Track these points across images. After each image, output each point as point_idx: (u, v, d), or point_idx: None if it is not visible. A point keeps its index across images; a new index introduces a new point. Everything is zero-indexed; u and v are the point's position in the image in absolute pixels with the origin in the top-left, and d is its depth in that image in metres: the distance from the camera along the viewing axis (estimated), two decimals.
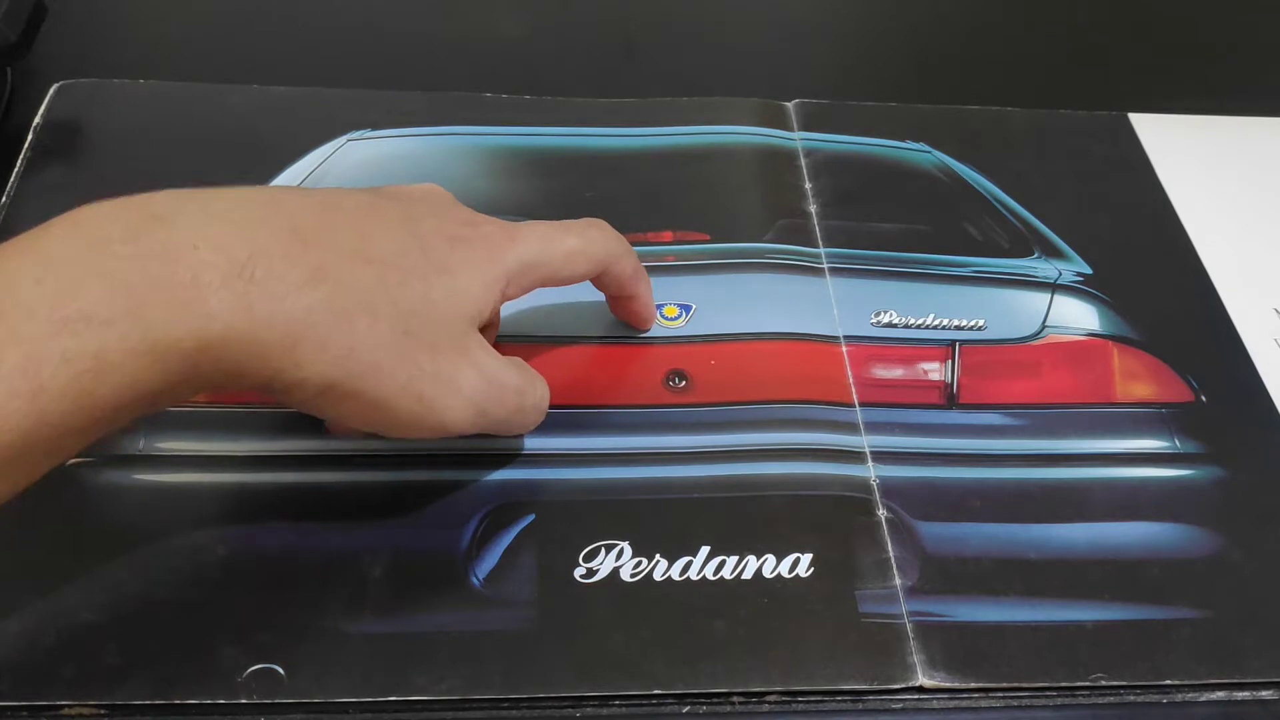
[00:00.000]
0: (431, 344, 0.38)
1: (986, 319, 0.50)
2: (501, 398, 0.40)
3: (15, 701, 0.37)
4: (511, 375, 0.41)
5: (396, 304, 0.37)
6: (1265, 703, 0.40)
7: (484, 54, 0.62)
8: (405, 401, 0.38)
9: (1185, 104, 0.61)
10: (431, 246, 0.39)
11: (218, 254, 0.34)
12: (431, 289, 0.38)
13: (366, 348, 0.36)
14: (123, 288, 0.32)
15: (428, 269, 0.38)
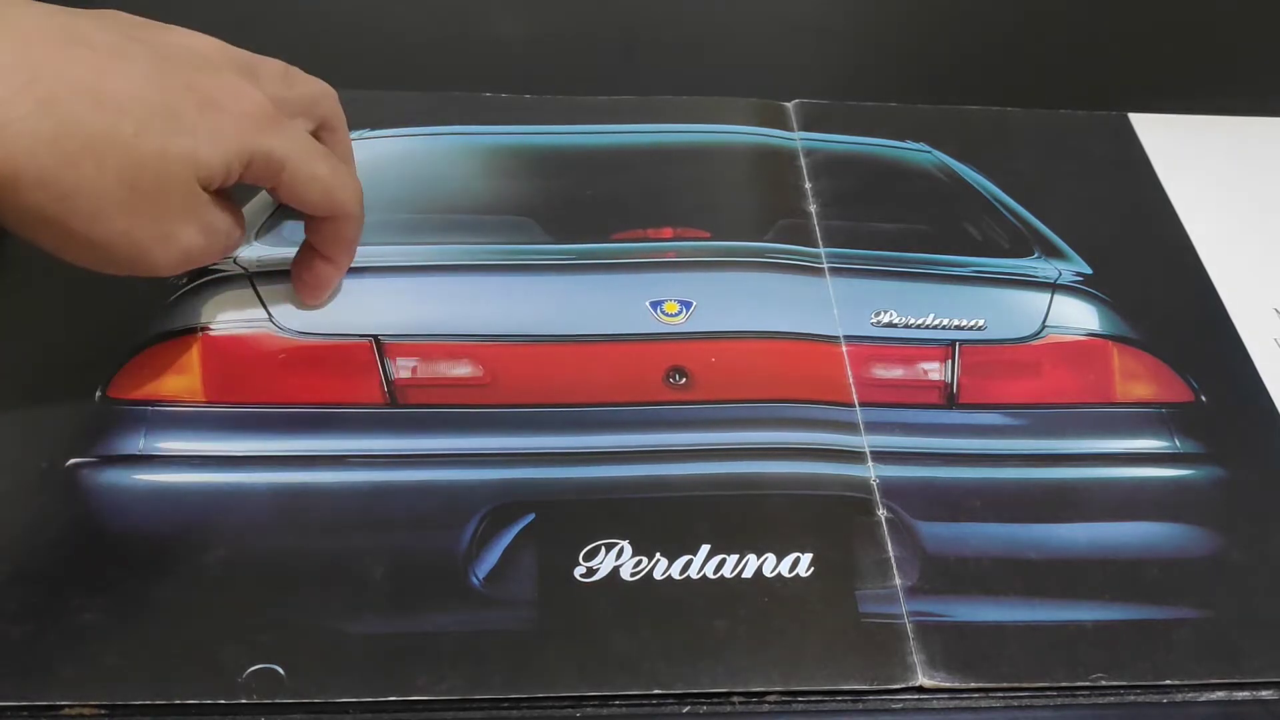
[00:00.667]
0: (156, 200, 0.38)
1: (986, 319, 0.50)
2: (216, 243, 0.41)
3: (15, 701, 0.37)
4: (230, 219, 0.41)
5: (127, 155, 0.37)
6: (1265, 703, 0.40)
7: (484, 54, 0.62)
8: (121, 247, 0.38)
9: (1185, 104, 0.61)
10: (178, 104, 0.38)
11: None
12: (167, 146, 0.37)
13: (88, 194, 0.36)
14: None
15: (167, 126, 0.37)
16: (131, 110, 0.37)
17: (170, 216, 0.39)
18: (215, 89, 0.39)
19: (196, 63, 0.40)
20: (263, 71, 0.43)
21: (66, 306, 0.47)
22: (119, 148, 0.36)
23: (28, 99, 0.34)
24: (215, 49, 0.41)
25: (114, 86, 0.37)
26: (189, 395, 0.45)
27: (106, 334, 0.46)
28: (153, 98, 0.37)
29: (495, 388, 0.46)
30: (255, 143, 0.40)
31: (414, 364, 0.46)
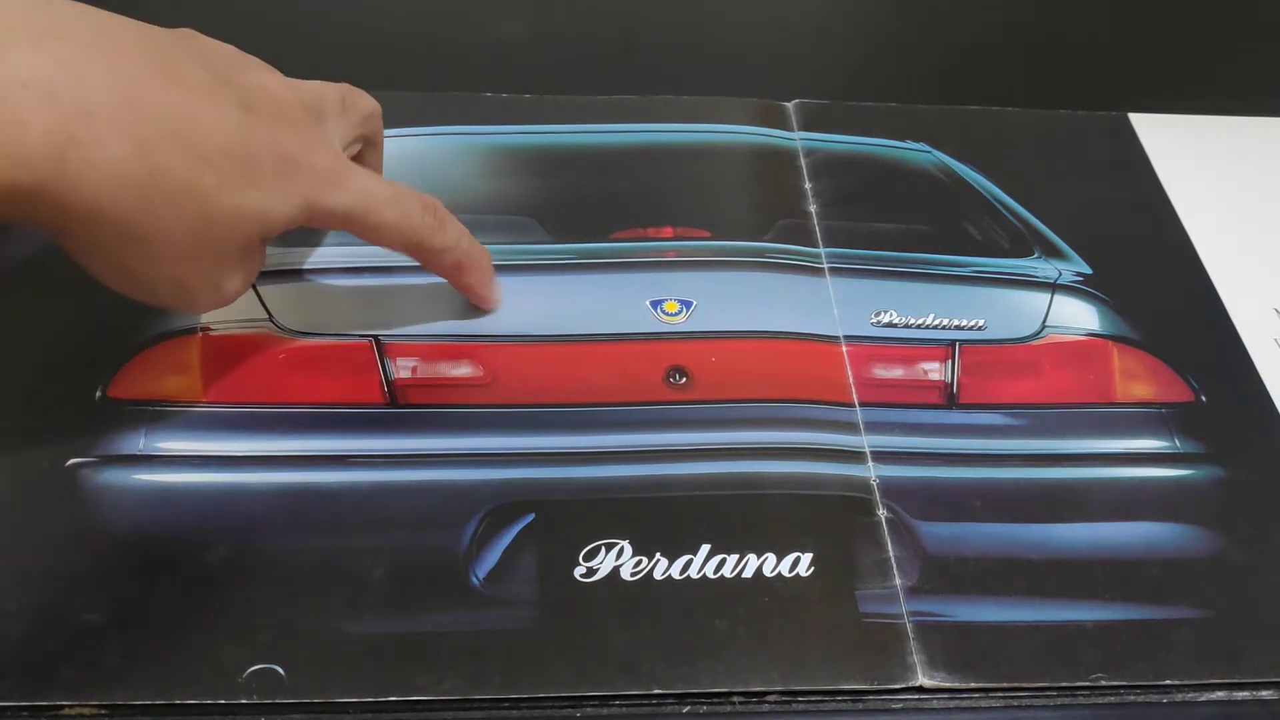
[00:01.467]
0: (218, 254, 0.38)
1: (986, 319, 0.50)
2: (247, 287, 0.41)
3: (16, 701, 0.37)
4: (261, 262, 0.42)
5: (203, 208, 0.37)
6: (1265, 703, 0.40)
7: (484, 54, 0.62)
8: (169, 288, 0.39)
9: (1185, 104, 0.61)
10: (258, 160, 0.38)
11: (47, 100, 0.33)
12: (241, 206, 0.38)
13: (157, 240, 0.36)
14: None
15: (247, 182, 0.38)
16: (217, 162, 0.37)
17: (224, 267, 0.39)
18: (292, 145, 0.39)
19: (276, 112, 0.40)
20: (327, 108, 0.43)
21: (66, 306, 0.47)
22: (198, 200, 0.37)
23: (127, 141, 0.35)
24: (290, 92, 0.41)
25: (203, 136, 0.37)
26: (189, 395, 0.45)
27: (106, 334, 0.46)
28: (236, 150, 0.37)
29: (495, 388, 0.46)
30: (322, 201, 0.40)
31: (414, 364, 0.46)
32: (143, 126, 0.35)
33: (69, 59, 0.34)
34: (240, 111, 0.38)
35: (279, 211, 0.39)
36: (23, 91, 0.33)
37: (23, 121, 0.33)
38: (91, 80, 0.34)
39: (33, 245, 0.49)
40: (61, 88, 0.33)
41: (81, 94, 0.34)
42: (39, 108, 0.33)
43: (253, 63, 0.42)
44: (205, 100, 0.37)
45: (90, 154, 0.34)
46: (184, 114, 0.36)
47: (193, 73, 0.37)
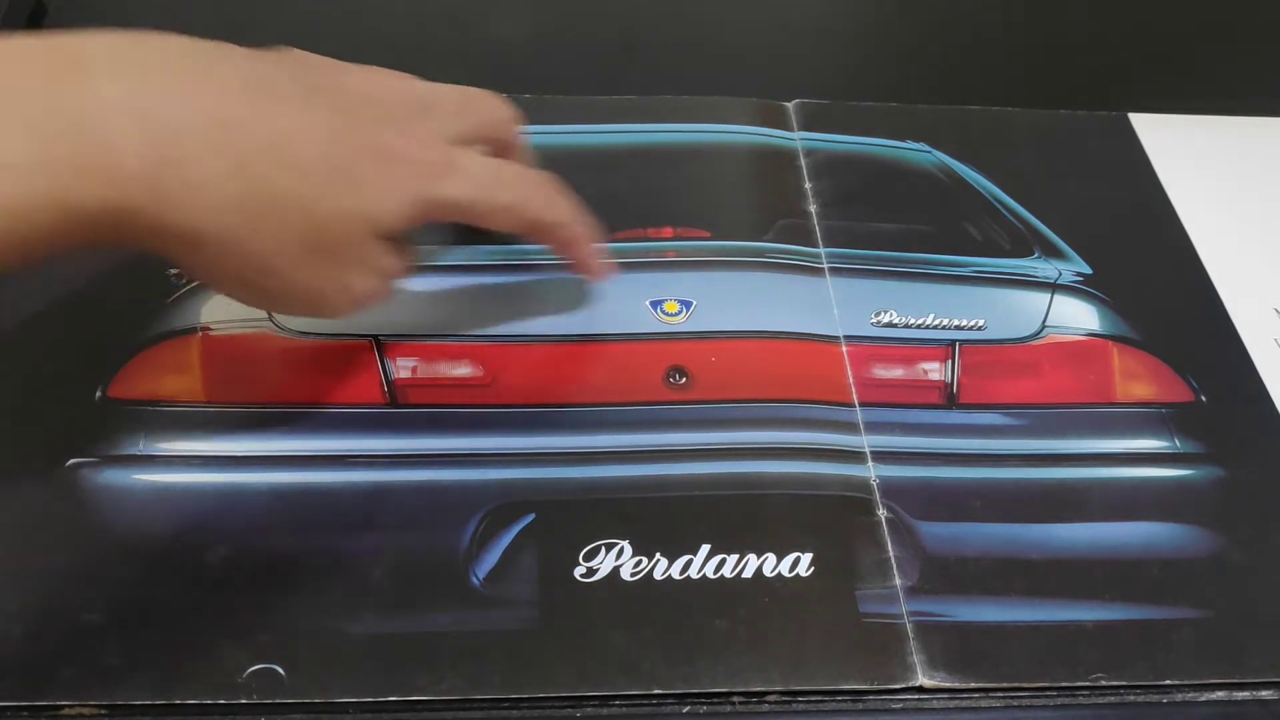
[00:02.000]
0: (334, 256, 0.38)
1: (986, 319, 0.50)
2: (384, 284, 0.41)
3: (16, 701, 0.37)
4: (398, 260, 0.41)
5: (309, 216, 0.37)
6: (1265, 703, 0.40)
7: (484, 54, 0.61)
8: (295, 296, 0.39)
9: (1185, 104, 0.61)
10: (357, 161, 0.38)
11: (138, 126, 0.33)
12: (349, 205, 0.38)
13: (268, 252, 0.37)
14: (41, 140, 0.32)
15: (350, 185, 0.38)
16: (314, 171, 0.37)
17: (345, 269, 0.39)
18: (392, 141, 0.39)
19: (375, 112, 0.40)
20: (439, 107, 0.43)
21: (66, 306, 0.47)
22: (301, 210, 0.37)
23: (221, 160, 0.35)
24: (391, 90, 0.41)
25: (299, 147, 0.37)
26: (189, 395, 0.45)
27: (106, 334, 0.46)
28: (334, 156, 0.38)
29: (495, 388, 0.46)
30: (431, 192, 0.40)
31: (414, 364, 0.46)
32: (236, 144, 0.35)
33: (157, 85, 0.34)
34: (335, 117, 0.38)
35: (388, 208, 0.39)
36: (113, 116, 0.33)
37: (114, 144, 0.33)
38: (181, 103, 0.35)
39: None
40: (151, 111, 0.34)
41: (171, 116, 0.34)
42: (130, 131, 0.33)
43: (356, 68, 0.42)
44: (297, 112, 0.38)
45: (185, 174, 0.34)
46: (277, 128, 0.37)
47: (283, 87, 0.38)
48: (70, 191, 0.33)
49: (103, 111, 0.33)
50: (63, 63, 0.34)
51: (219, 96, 0.36)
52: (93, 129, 0.33)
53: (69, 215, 0.33)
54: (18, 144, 0.32)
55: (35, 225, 0.33)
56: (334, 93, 0.39)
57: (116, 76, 0.34)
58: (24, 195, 0.32)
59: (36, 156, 0.32)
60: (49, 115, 0.33)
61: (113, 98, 0.33)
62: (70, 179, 0.33)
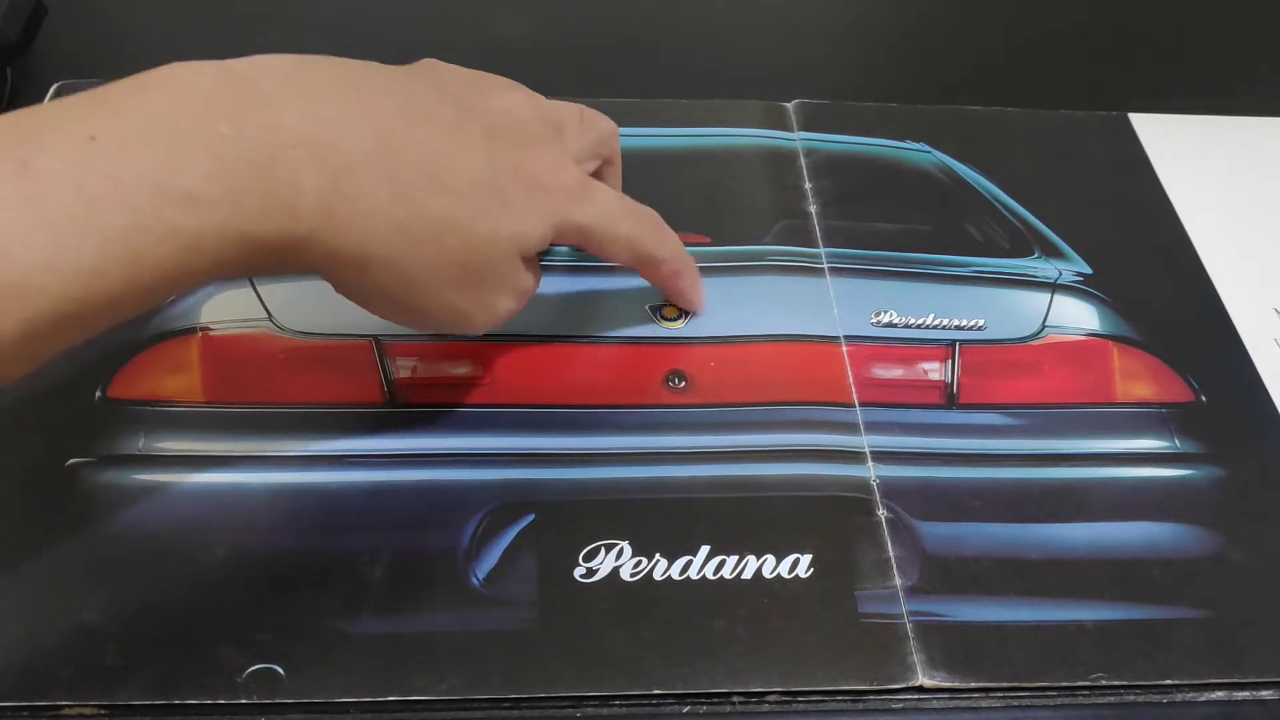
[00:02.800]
0: (483, 276, 0.40)
1: (986, 319, 0.50)
2: (522, 303, 0.43)
3: (15, 702, 0.37)
4: (535, 279, 0.43)
5: (464, 238, 0.39)
6: (1265, 703, 0.40)
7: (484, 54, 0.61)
8: (445, 314, 0.40)
9: (1185, 104, 0.61)
10: (507, 184, 0.40)
11: (315, 159, 0.35)
12: (499, 228, 0.39)
13: (427, 273, 0.38)
14: (225, 172, 0.33)
15: (499, 208, 0.39)
16: (470, 194, 0.39)
17: (492, 288, 0.41)
18: (537, 165, 0.41)
19: (519, 135, 0.41)
20: (568, 124, 0.44)
21: None
22: (458, 232, 0.38)
23: (387, 185, 0.36)
24: (529, 110, 0.43)
25: (456, 170, 0.38)
26: (189, 395, 0.45)
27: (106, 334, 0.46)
28: (486, 179, 0.39)
29: (495, 388, 0.46)
30: (568, 215, 0.42)
31: (414, 364, 0.46)
32: (400, 172, 0.37)
33: (330, 117, 0.36)
34: (486, 140, 0.40)
35: (533, 230, 0.41)
36: (293, 152, 0.34)
37: (295, 180, 0.34)
38: (352, 135, 0.36)
39: None
40: (327, 146, 0.35)
41: (344, 149, 0.36)
42: (308, 167, 0.35)
43: (495, 84, 0.43)
44: (453, 136, 0.39)
45: (356, 204, 0.36)
46: (436, 154, 0.38)
47: (440, 111, 0.39)
48: (253, 223, 0.34)
49: (280, 142, 0.34)
50: (238, 92, 0.34)
51: (382, 121, 0.37)
52: (272, 160, 0.34)
53: (248, 245, 0.34)
54: (202, 175, 0.33)
55: (215, 256, 0.34)
56: (482, 113, 0.41)
57: (289, 105, 0.35)
58: (209, 227, 0.33)
59: (221, 188, 0.33)
60: (230, 146, 0.33)
61: (288, 127, 0.34)
62: (255, 211, 0.34)
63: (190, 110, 0.33)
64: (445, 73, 0.43)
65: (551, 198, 0.41)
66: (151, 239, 0.32)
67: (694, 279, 0.48)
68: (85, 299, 0.31)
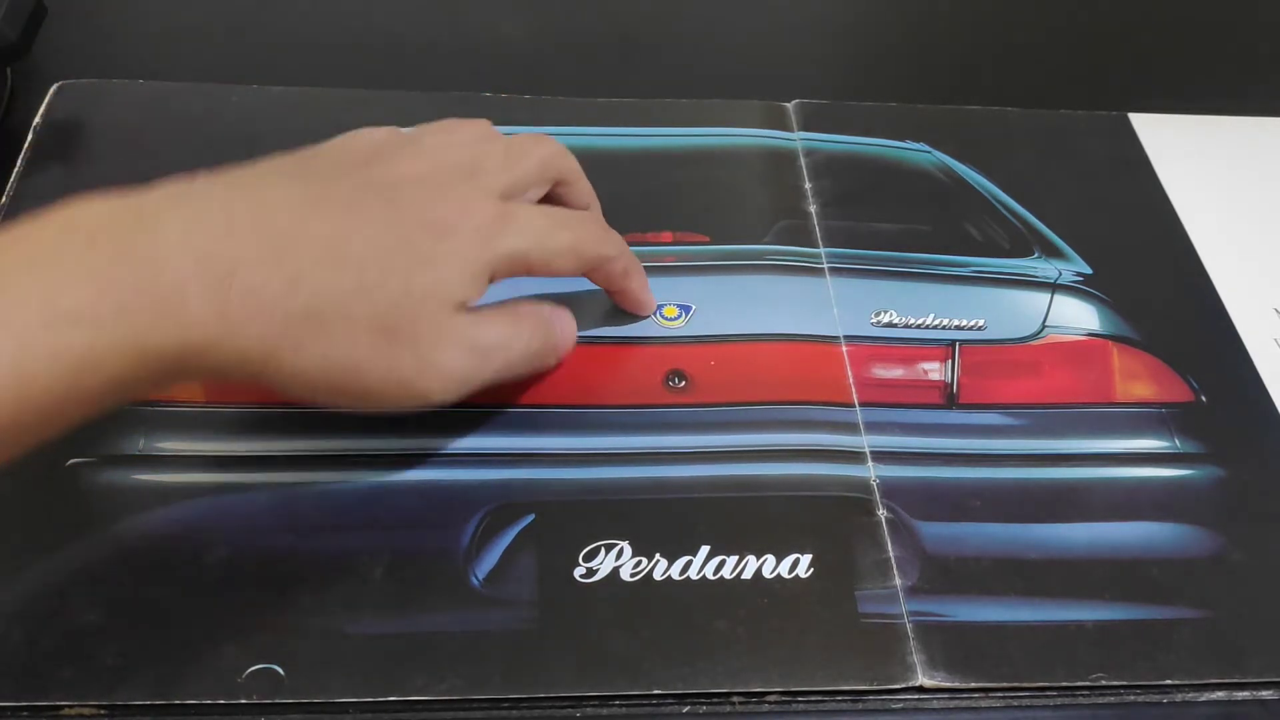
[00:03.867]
0: (412, 336, 0.39)
1: (986, 319, 0.50)
2: (487, 361, 0.42)
3: (15, 702, 0.37)
4: (496, 334, 0.42)
5: (375, 304, 0.38)
6: (1265, 703, 0.40)
7: (484, 54, 0.62)
8: (388, 388, 0.39)
9: (1185, 104, 0.61)
10: (414, 239, 0.39)
11: (200, 264, 0.35)
12: (412, 284, 0.39)
13: (343, 350, 0.38)
14: (111, 291, 0.33)
15: (409, 264, 0.39)
16: (371, 261, 0.38)
17: (428, 346, 0.39)
18: (445, 213, 0.40)
19: (423, 191, 0.41)
20: (485, 164, 0.43)
21: None
22: (365, 300, 0.38)
23: (275, 279, 0.36)
24: (433, 161, 0.42)
25: (351, 245, 0.38)
26: (189, 395, 0.45)
27: None
28: (389, 241, 0.39)
29: (494, 388, 0.46)
30: (493, 251, 0.41)
31: None
32: (291, 261, 0.37)
33: (215, 224, 0.36)
34: (385, 205, 0.39)
35: (452, 277, 0.40)
36: (179, 263, 0.34)
37: (182, 289, 0.34)
38: (237, 236, 0.36)
39: None
40: (211, 252, 0.35)
41: (230, 252, 0.36)
42: (194, 275, 0.35)
43: (404, 145, 0.43)
44: (345, 211, 0.39)
45: (247, 302, 0.36)
46: (329, 233, 0.38)
47: (333, 191, 0.39)
48: (145, 336, 0.34)
49: (165, 256, 0.35)
50: (125, 218, 0.35)
51: (270, 217, 0.37)
52: (159, 274, 0.34)
53: (146, 359, 0.34)
54: (87, 296, 0.33)
55: (112, 372, 0.34)
56: (380, 180, 0.40)
57: (173, 222, 0.35)
58: (100, 343, 0.33)
59: (109, 306, 0.33)
60: (116, 267, 0.34)
61: (173, 242, 0.35)
62: (146, 324, 0.34)
63: (79, 239, 0.34)
64: (353, 146, 0.42)
65: (466, 239, 0.40)
66: (40, 361, 0.32)
67: (643, 279, 0.48)
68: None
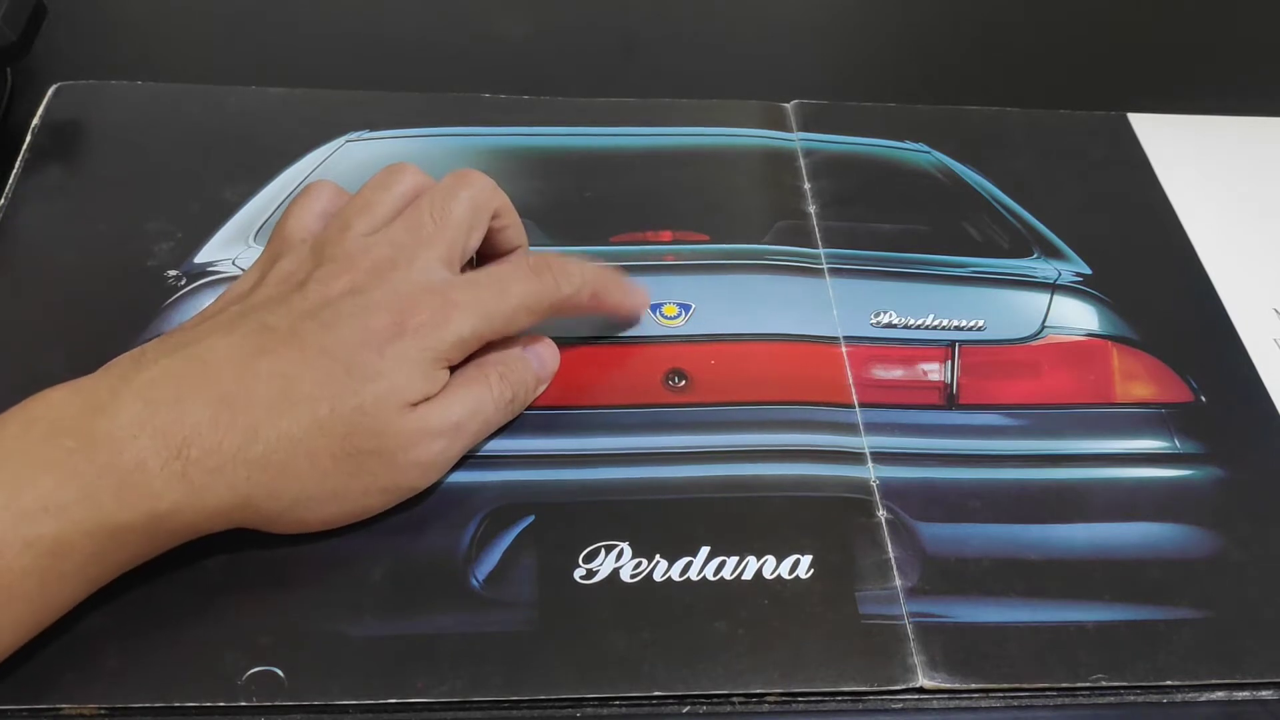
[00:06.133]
0: (377, 448, 0.39)
1: (986, 319, 0.50)
2: (461, 434, 0.42)
3: (15, 705, 0.37)
4: (461, 408, 0.41)
5: (331, 434, 0.38)
6: (1265, 703, 0.40)
7: (484, 54, 0.62)
8: (371, 500, 0.40)
9: (1185, 104, 0.61)
10: (357, 362, 0.39)
11: (155, 439, 0.36)
12: (364, 402, 0.39)
13: (316, 482, 0.39)
14: (74, 478, 0.35)
15: (358, 384, 0.39)
16: (321, 393, 0.38)
17: (397, 451, 0.40)
18: (384, 321, 0.40)
19: (359, 303, 0.40)
20: (414, 241, 0.42)
21: (65, 307, 0.47)
22: (321, 431, 0.38)
23: (232, 435, 0.37)
24: (363, 268, 0.41)
25: (299, 383, 0.38)
26: None
27: (105, 334, 0.46)
28: (336, 369, 0.39)
29: None
30: (441, 342, 0.41)
31: None
32: (244, 414, 0.37)
33: (166, 397, 0.37)
34: (324, 333, 0.39)
35: (406, 380, 0.40)
36: (136, 442, 0.36)
37: (143, 465, 0.36)
38: (189, 404, 0.37)
39: (31, 245, 0.49)
40: (167, 423, 0.36)
41: (184, 419, 0.37)
42: (152, 449, 0.36)
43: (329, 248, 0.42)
44: (286, 356, 0.39)
45: (208, 463, 0.37)
46: (276, 378, 0.38)
47: (267, 338, 0.39)
48: (113, 515, 0.36)
49: (123, 437, 0.36)
50: (80, 406, 0.37)
51: (215, 377, 0.38)
52: (119, 455, 0.36)
53: (118, 535, 0.36)
54: (52, 487, 0.35)
55: (88, 553, 0.36)
56: (315, 304, 0.40)
57: (127, 403, 0.37)
58: (69, 529, 0.35)
59: (73, 493, 0.35)
60: (76, 456, 0.35)
61: (129, 422, 0.36)
62: (112, 504, 0.36)
63: (38, 434, 0.36)
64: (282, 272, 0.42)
65: (410, 340, 0.40)
66: (10, 553, 0.34)
67: (621, 291, 0.47)
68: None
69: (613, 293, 0.47)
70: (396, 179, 0.44)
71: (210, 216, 0.51)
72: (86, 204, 0.51)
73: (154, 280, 0.48)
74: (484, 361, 0.43)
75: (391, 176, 0.44)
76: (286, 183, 0.52)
